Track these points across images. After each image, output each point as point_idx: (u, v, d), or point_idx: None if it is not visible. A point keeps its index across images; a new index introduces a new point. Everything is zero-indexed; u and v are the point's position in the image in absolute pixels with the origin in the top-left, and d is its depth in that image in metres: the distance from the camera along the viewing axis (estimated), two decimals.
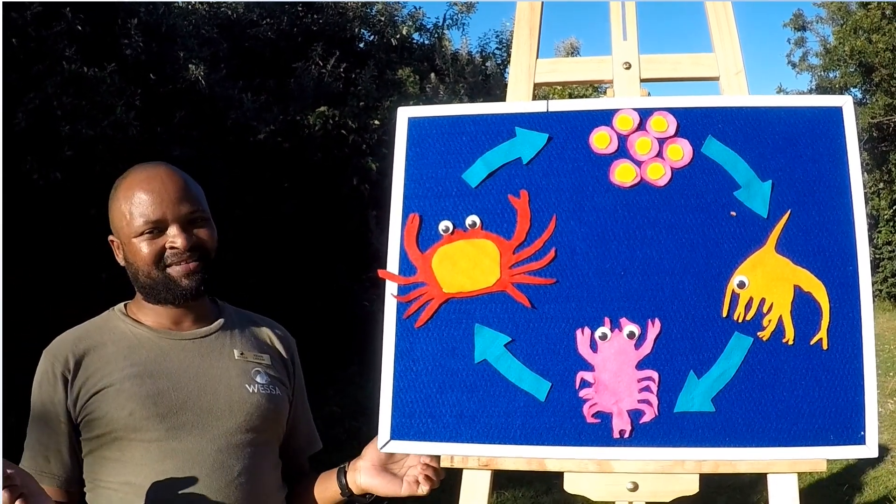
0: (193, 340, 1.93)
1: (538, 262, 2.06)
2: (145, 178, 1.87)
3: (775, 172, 2.03)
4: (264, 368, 1.97)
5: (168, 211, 1.84)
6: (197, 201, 1.90)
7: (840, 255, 1.98)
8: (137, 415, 1.78)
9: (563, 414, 2.00)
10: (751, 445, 1.93)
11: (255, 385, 1.92)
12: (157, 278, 1.86)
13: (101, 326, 1.91)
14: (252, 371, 1.94)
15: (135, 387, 1.80)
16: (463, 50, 11.63)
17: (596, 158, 2.10)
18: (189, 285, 1.86)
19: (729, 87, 2.14)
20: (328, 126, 8.55)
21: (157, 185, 1.85)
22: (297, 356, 2.13)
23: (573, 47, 21.87)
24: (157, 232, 1.84)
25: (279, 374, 2.02)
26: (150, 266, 1.85)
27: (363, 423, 6.52)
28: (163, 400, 1.81)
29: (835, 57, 20.79)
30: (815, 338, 1.96)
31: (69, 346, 1.84)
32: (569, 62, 2.29)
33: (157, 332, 1.91)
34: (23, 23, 6.04)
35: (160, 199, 1.84)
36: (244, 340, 1.99)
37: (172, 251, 1.84)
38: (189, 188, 1.90)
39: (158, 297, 1.88)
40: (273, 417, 1.96)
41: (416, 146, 2.18)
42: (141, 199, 1.84)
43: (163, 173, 1.89)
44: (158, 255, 1.85)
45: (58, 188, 6.05)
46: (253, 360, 1.96)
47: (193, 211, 1.87)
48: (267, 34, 9.19)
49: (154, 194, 1.84)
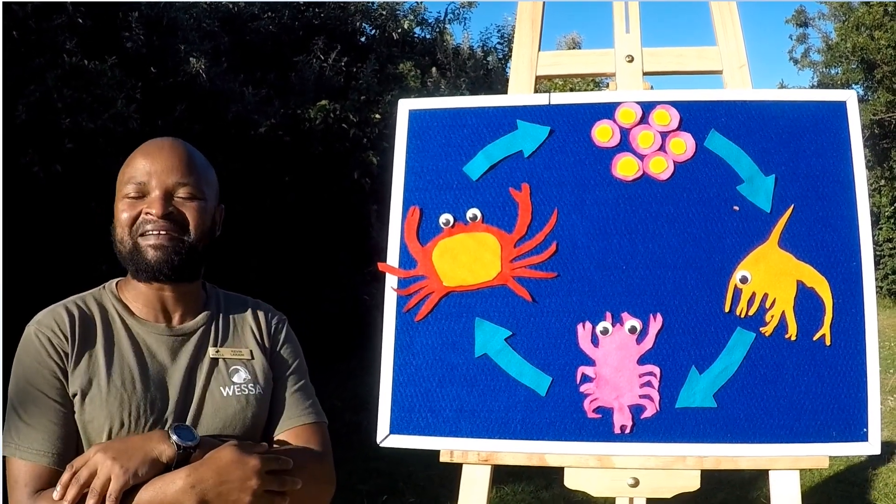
0: (178, 338, 1.84)
1: (539, 255, 2.05)
2: (149, 145, 1.83)
3: (779, 167, 2.02)
4: (243, 364, 1.90)
5: (155, 176, 1.77)
6: (192, 177, 1.81)
7: (844, 250, 1.97)
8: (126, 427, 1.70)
9: (563, 409, 1.99)
10: (753, 442, 1.92)
11: (232, 386, 1.84)
12: (127, 246, 1.77)
13: (92, 308, 1.82)
14: (230, 370, 1.87)
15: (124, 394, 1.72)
16: (464, 44, 11.63)
17: (598, 152, 2.09)
18: (155, 258, 1.76)
19: (732, 81, 2.12)
20: (329, 120, 8.53)
21: (154, 151, 1.80)
22: (287, 333, 2.03)
23: (575, 42, 21.83)
24: (139, 197, 1.77)
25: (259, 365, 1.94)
26: (125, 230, 1.78)
27: (363, 417, 6.50)
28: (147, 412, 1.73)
29: (837, 53, 20.80)
30: (817, 334, 1.94)
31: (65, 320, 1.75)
32: (571, 55, 2.27)
33: (143, 325, 1.83)
34: (24, 15, 6.03)
35: (152, 165, 1.78)
36: (226, 334, 1.92)
37: (146, 217, 1.76)
38: (189, 163, 1.82)
39: (129, 269, 1.82)
40: (249, 417, 1.87)
41: (416, 138, 2.17)
42: (137, 162, 1.79)
43: (167, 144, 1.83)
44: (133, 220, 1.77)
45: (58, 181, 6.03)
46: (231, 357, 1.88)
47: (182, 183, 1.78)
48: (268, 28, 9.17)
49: (149, 159, 1.79)
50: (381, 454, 5.48)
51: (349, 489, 5.78)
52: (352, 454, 6.17)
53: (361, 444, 6.53)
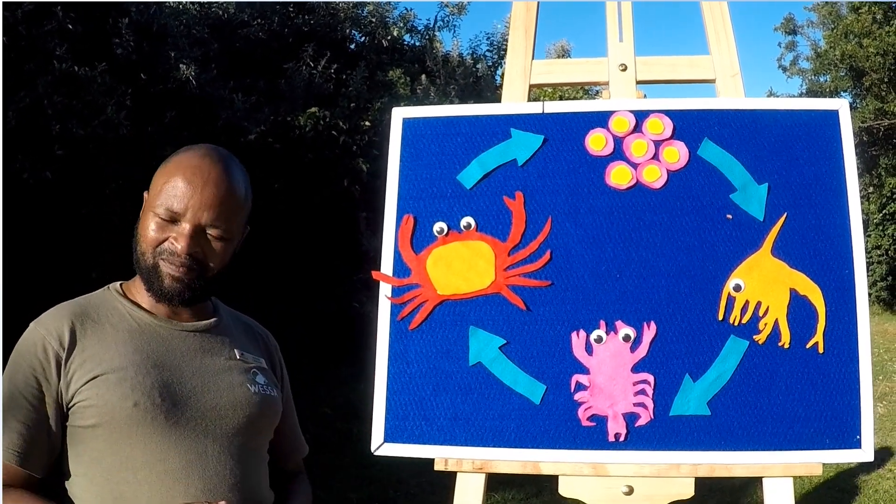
0: (194, 333, 1.85)
1: (533, 264, 2.05)
2: (194, 168, 1.79)
3: (771, 175, 2.03)
4: (261, 370, 1.92)
5: (190, 210, 1.76)
6: (226, 218, 1.80)
7: (836, 258, 1.98)
8: (142, 406, 1.68)
9: (557, 417, 1.99)
10: (746, 449, 1.92)
11: (256, 385, 1.86)
12: (148, 262, 1.78)
13: (97, 305, 1.82)
14: (251, 371, 1.89)
15: (139, 376, 1.70)
16: (454, 52, 11.61)
17: (592, 160, 2.09)
18: (171, 287, 1.78)
19: (725, 90, 2.13)
20: (319, 127, 8.51)
21: (197, 181, 1.77)
22: (282, 360, 2.08)
23: (564, 50, 21.91)
24: (171, 222, 1.77)
25: (272, 376, 1.98)
26: (148, 247, 1.78)
27: (355, 425, 6.49)
28: (168, 393, 1.72)
29: (825, 61, 20.90)
30: (811, 341, 1.95)
31: (64, 321, 1.74)
32: (564, 63, 2.28)
33: (156, 319, 1.83)
34: (14, 21, 6.01)
35: (191, 196, 1.75)
36: (240, 341, 1.94)
37: (170, 247, 1.77)
38: (227, 200, 1.80)
39: (143, 280, 1.82)
40: (271, 419, 1.90)
41: (410, 147, 2.17)
42: (177, 184, 1.77)
43: (216, 173, 1.80)
44: (159, 242, 1.77)
45: (48, 187, 6.01)
46: (251, 362, 1.90)
47: (215, 224, 1.78)
48: (258, 34, 9.14)
49: (190, 187, 1.76)
50: (372, 462, 5.47)
51: (340, 498, 5.77)
52: (343, 462, 6.16)
53: (353, 453, 6.53)
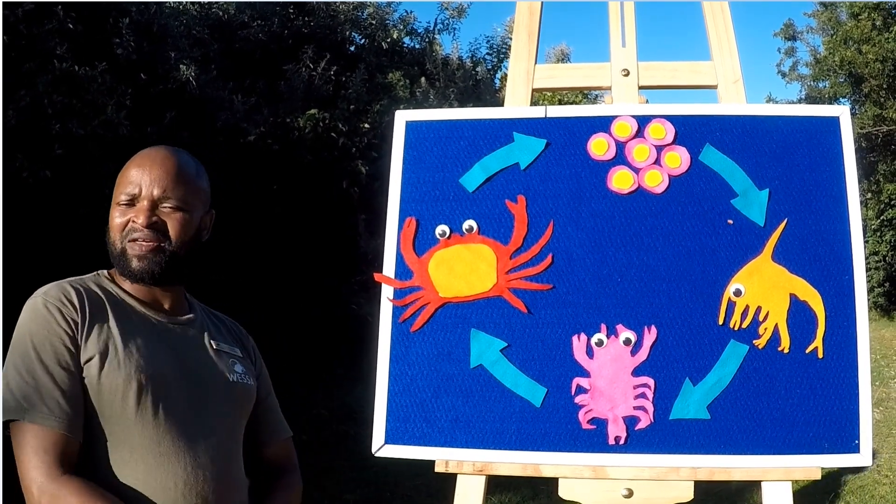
0: (177, 326, 1.93)
1: (535, 267, 2.06)
2: (143, 155, 1.91)
3: (772, 181, 2.04)
4: (239, 360, 1.99)
5: (144, 187, 1.85)
6: (177, 190, 1.88)
7: (836, 264, 2.00)
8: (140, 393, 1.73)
9: (558, 420, 2.00)
10: (746, 453, 1.93)
11: (235, 374, 1.94)
12: (117, 248, 1.87)
13: (96, 288, 1.87)
14: (230, 361, 1.96)
15: (141, 361, 1.76)
16: (453, 55, 11.62)
17: (594, 165, 2.10)
18: (139, 267, 1.84)
19: (727, 96, 2.14)
20: (318, 129, 8.51)
21: (147, 163, 1.88)
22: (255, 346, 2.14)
23: (564, 54, 21.89)
24: (130, 205, 1.86)
25: (249, 365, 2.04)
26: (116, 234, 1.87)
27: (351, 427, 6.50)
28: (164, 382, 1.78)
29: (825, 67, 20.89)
30: (810, 346, 1.96)
31: (73, 293, 1.80)
32: (567, 68, 2.29)
33: (144, 306, 1.90)
34: (14, 20, 6.01)
35: (142, 176, 1.86)
36: (216, 333, 2.02)
37: (132, 226, 1.85)
38: (177, 175, 1.89)
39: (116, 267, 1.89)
40: (247, 408, 1.98)
41: (413, 149, 2.18)
42: (131, 172, 1.88)
43: (160, 156, 1.91)
44: (123, 226, 1.86)
45: (48, 186, 6.01)
46: (228, 352, 1.97)
47: (168, 196, 1.86)
48: (258, 36, 9.15)
49: (141, 170, 1.87)
50: (368, 464, 5.49)
51: (335, 499, 5.77)
52: (339, 464, 6.17)
53: (349, 454, 6.54)
